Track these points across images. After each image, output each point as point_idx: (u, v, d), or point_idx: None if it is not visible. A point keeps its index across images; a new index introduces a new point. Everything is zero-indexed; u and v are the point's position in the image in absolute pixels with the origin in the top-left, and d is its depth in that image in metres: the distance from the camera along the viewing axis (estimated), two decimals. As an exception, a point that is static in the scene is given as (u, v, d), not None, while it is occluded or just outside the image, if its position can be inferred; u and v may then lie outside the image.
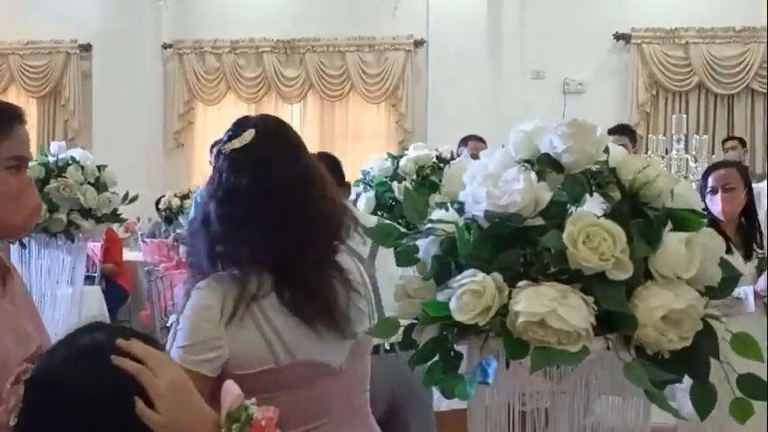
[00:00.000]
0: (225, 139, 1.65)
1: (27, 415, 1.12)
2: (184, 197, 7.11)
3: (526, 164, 1.30)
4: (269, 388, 1.52)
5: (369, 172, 3.81)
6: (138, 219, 7.70)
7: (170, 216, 7.33)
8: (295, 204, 1.59)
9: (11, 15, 8.75)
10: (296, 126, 8.63)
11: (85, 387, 1.13)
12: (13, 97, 8.98)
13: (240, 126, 1.65)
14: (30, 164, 3.34)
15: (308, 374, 1.59)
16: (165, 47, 8.70)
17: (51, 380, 1.14)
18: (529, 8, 8.00)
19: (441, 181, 1.54)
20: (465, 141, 5.09)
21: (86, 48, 8.75)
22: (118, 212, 4.22)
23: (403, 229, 1.38)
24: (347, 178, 3.12)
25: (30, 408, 1.13)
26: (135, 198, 4.22)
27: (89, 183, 3.95)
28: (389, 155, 3.88)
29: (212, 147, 6.86)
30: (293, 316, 1.57)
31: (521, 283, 1.22)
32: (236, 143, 1.62)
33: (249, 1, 8.53)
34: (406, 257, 1.35)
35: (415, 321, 1.34)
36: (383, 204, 3.58)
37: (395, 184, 3.65)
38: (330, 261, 1.64)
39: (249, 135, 1.62)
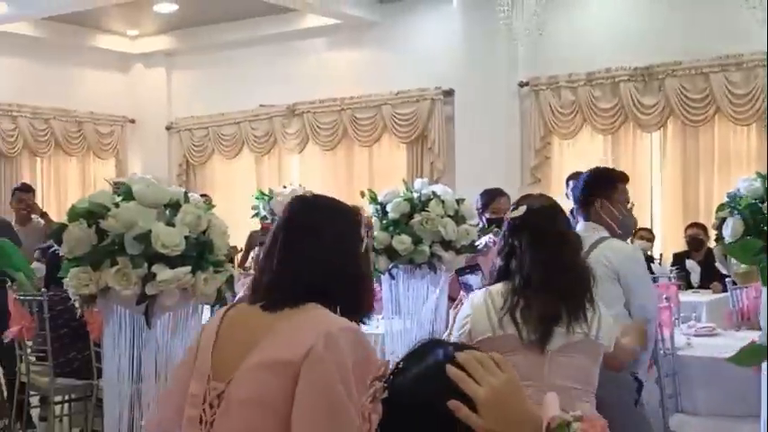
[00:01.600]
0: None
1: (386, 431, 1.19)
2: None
3: None
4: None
5: (735, 195, 3.52)
6: (499, 253, 7.88)
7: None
8: (554, 257, 2.55)
9: (382, 70, 9.59)
10: (655, 154, 8.32)
11: (433, 404, 1.18)
12: (386, 143, 9.82)
13: (519, 201, 2.75)
14: (395, 200, 3.90)
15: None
16: (521, 85, 8.90)
17: (410, 398, 1.20)
18: None
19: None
20: None
21: (449, 93, 9.26)
22: (477, 244, 4.40)
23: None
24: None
25: (390, 424, 1.20)
26: (490, 229, 4.36)
27: (449, 216, 4.17)
28: (759, 174, 3.54)
29: (568, 179, 6.85)
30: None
31: None
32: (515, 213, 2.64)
33: (605, 31, 8.43)
34: None
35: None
36: (753, 228, 3.27)
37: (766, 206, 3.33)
38: None
39: (521, 210, 2.63)
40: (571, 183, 6.69)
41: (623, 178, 3.63)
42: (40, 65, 9.85)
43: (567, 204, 6.92)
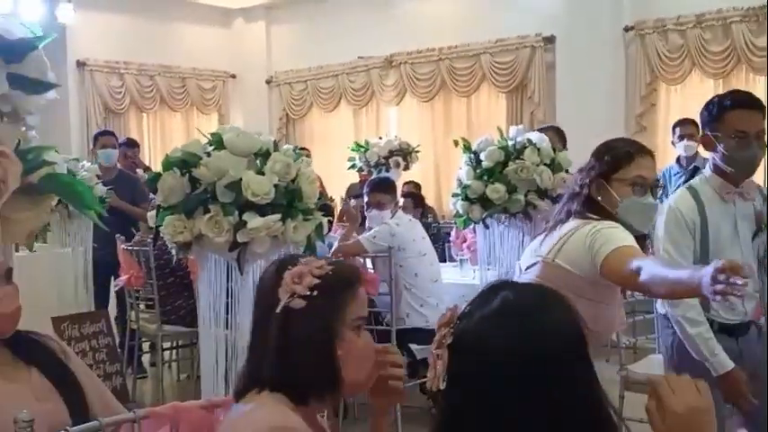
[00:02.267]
0: None
1: (453, 377, 1.17)
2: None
3: None
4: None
5: None
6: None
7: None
8: None
9: (480, 17, 9.40)
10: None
11: (508, 346, 1.14)
12: (485, 93, 9.66)
13: None
14: (489, 148, 3.68)
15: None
16: (626, 29, 8.55)
17: (473, 342, 1.18)
18: None
19: None
20: None
21: (550, 40, 9.00)
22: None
23: None
24: None
25: (456, 370, 1.17)
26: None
27: (545, 164, 4.07)
28: None
29: (674, 126, 6.57)
30: None
31: None
32: None
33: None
34: None
35: None
36: None
37: None
38: None
39: None
40: (678, 130, 6.44)
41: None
42: (144, 22, 10.09)
43: (674, 152, 6.70)
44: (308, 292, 1.46)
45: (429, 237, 5.34)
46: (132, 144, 7.43)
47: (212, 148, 2.73)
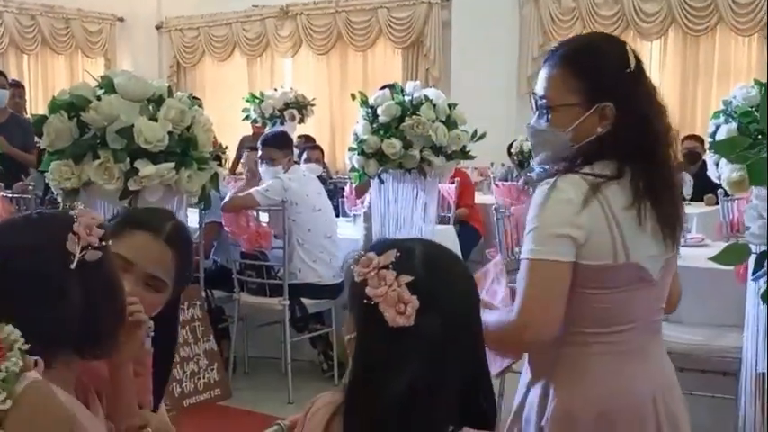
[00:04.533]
0: None
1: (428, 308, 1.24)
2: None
3: None
4: (598, 284, 1.60)
5: (731, 102, 3.45)
6: (492, 164, 7.84)
7: (522, 160, 7.37)
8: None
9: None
10: (654, 64, 8.18)
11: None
12: (381, 49, 9.63)
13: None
14: (386, 103, 3.40)
15: (632, 277, 1.62)
16: (521, -9, 8.69)
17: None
18: None
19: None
20: None
21: (446, -3, 9.04)
22: (467, 150, 4.34)
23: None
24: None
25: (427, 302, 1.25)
26: (483, 136, 4.29)
27: (440, 121, 4.10)
28: (757, 82, 3.47)
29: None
30: (636, 216, 1.61)
31: None
32: None
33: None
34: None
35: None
36: (745, 135, 3.22)
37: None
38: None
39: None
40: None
41: None
42: (25, -43, 9.56)
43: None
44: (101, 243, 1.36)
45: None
46: (18, 85, 7.04)
47: (102, 92, 2.61)
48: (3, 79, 6.31)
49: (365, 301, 1.21)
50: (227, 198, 4.95)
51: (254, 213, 5.03)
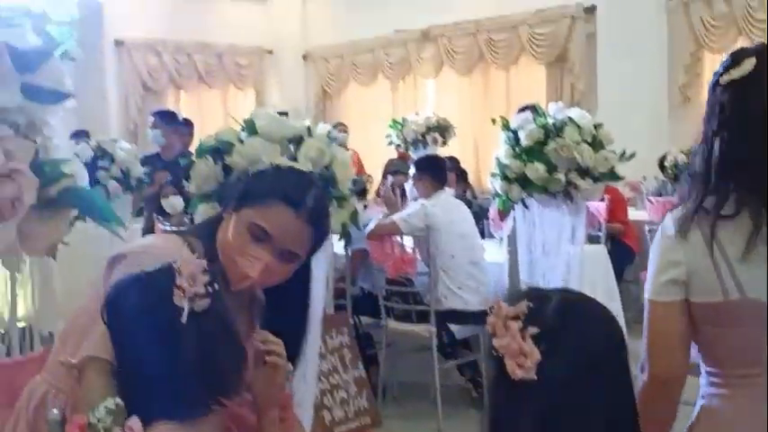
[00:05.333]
0: (721, 70, 1.63)
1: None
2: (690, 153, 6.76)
3: None
4: (718, 322, 1.49)
5: None
6: (644, 178, 7.54)
7: (677, 174, 7.05)
8: None
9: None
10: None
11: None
12: (524, 65, 9.49)
13: (738, 56, 1.62)
14: (528, 126, 3.30)
15: (755, 314, 1.46)
16: (669, -3, 8.33)
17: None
18: None
19: None
20: None
21: (591, 10, 8.79)
22: (615, 171, 4.16)
23: None
24: None
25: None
26: (632, 155, 4.11)
27: (586, 142, 3.96)
28: None
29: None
30: (749, 248, 1.45)
31: None
32: (736, 73, 1.58)
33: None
34: None
35: None
36: None
37: None
38: None
39: (750, 64, 1.57)
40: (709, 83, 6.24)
41: None
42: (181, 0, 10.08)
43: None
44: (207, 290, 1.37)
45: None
46: (188, 123, 7.41)
47: (245, 134, 2.68)
48: (156, 118, 6.64)
49: (493, 352, 1.19)
50: (370, 225, 5.00)
51: (399, 239, 5.06)
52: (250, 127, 2.69)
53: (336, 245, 3.44)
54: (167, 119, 6.58)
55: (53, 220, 0.99)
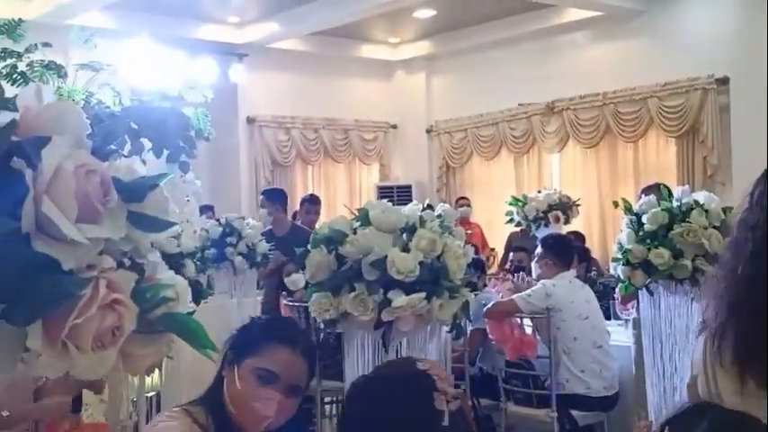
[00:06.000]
0: None
1: None
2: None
3: None
4: None
5: None
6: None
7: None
8: None
9: (646, 61, 9.05)
10: None
11: None
12: (653, 139, 9.26)
13: None
14: (652, 210, 3.12)
15: None
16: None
17: None
18: None
19: None
20: None
21: (724, 81, 8.53)
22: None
23: None
24: None
25: None
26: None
27: (714, 227, 3.79)
28: None
29: None
30: None
31: None
32: None
33: None
34: None
35: None
36: None
37: None
38: None
39: None
40: None
41: None
42: (309, 78, 10.47)
43: None
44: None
45: (594, 293, 5.15)
46: (313, 201, 7.63)
47: (359, 224, 2.72)
48: (262, 198, 6.88)
49: None
50: (489, 305, 4.93)
51: (518, 321, 4.96)
52: (363, 217, 2.72)
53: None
54: (272, 197, 6.81)
55: (154, 343, 1.03)
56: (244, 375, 1.75)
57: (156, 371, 4.28)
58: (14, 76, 5.07)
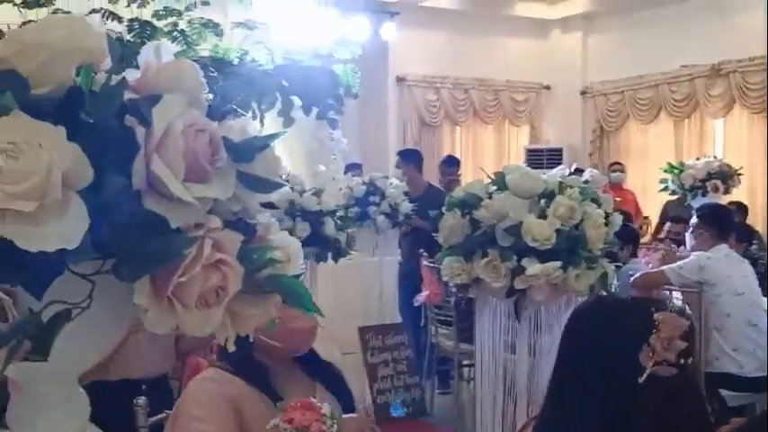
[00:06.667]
0: None
1: None
2: None
3: None
4: None
5: None
6: None
7: None
8: None
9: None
10: None
11: None
12: None
13: None
14: None
15: None
16: None
17: None
18: None
19: None
20: None
21: None
22: None
23: None
24: None
25: None
26: None
27: None
28: None
29: None
30: None
31: None
32: None
33: None
34: None
35: None
36: None
37: None
38: None
39: None
40: None
41: None
42: (460, 37, 10.31)
43: None
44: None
45: (755, 270, 4.86)
46: (451, 163, 7.58)
47: (495, 188, 2.66)
48: (397, 158, 6.81)
49: None
50: (636, 275, 4.75)
51: (668, 293, 4.76)
52: (500, 181, 2.65)
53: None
54: (407, 157, 6.78)
55: (262, 304, 1.03)
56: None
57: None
58: (174, 33, 5.28)
